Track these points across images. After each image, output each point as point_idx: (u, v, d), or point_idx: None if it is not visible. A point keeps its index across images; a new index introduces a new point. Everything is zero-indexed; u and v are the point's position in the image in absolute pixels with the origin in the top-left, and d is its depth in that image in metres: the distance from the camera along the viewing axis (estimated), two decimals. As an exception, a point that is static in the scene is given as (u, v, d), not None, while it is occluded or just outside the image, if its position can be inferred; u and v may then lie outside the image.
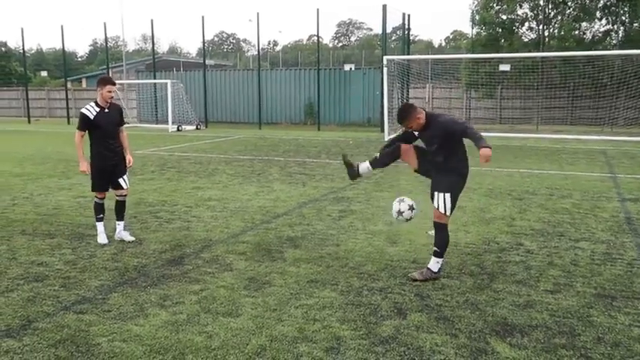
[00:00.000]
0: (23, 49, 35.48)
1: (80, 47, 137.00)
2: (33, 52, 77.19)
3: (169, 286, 4.98)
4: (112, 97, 6.32)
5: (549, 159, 14.52)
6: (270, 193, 9.51)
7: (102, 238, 6.42)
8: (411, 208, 5.50)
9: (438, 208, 5.16)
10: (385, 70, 21.92)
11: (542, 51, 27.65)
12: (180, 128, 26.77)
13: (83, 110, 6.22)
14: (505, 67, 24.93)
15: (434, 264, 5.21)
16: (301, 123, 30.54)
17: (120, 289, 4.89)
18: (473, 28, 30.18)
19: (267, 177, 11.42)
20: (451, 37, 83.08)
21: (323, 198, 9.11)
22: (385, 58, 22.48)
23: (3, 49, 50.70)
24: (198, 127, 28.07)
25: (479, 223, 7.34)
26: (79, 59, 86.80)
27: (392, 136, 6.26)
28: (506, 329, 4.11)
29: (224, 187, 10.12)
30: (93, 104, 6.25)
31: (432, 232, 6.75)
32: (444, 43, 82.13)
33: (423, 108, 5.26)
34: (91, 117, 6.18)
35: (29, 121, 34.16)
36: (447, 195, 5.10)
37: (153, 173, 11.91)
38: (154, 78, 31.40)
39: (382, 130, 22.51)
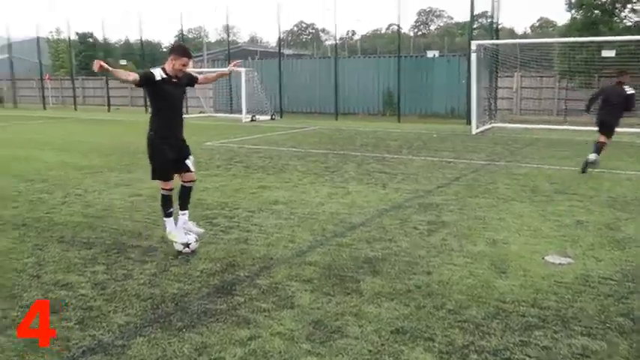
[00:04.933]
0: (104, 39, 36.15)
1: (165, 38, 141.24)
2: (122, 43, 79.94)
3: (210, 329, 3.82)
4: (182, 72, 5.38)
5: (673, 159, 12.35)
6: (345, 196, 8.24)
7: (181, 237, 5.47)
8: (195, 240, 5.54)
9: None
10: (473, 56, 20.03)
11: (652, 34, 24.61)
12: (254, 118, 26.01)
13: (151, 69, 5.28)
14: (609, 53, 22.20)
15: None
16: (379, 114, 29.01)
17: (147, 332, 3.79)
18: (571, 10, 27.40)
19: (342, 175, 10.16)
20: (537, 24, 78.37)
21: (407, 204, 7.73)
22: (473, 43, 20.56)
23: (90, 40, 52.44)
24: (273, 117, 27.22)
25: (609, 246, 5.72)
26: (164, 50, 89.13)
27: None
28: None
29: (293, 187, 8.96)
30: (160, 70, 5.26)
31: (550, 259, 5.28)
32: (529, 31, 77.56)
33: None
34: (156, 78, 5.16)
35: (109, 110, 34.69)
36: None
37: (218, 168, 10.94)
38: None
39: (468, 123, 20.62)
